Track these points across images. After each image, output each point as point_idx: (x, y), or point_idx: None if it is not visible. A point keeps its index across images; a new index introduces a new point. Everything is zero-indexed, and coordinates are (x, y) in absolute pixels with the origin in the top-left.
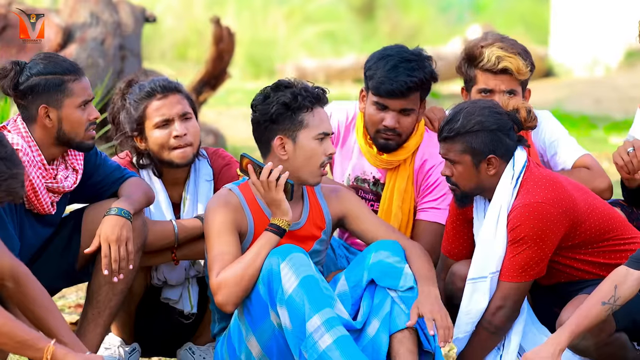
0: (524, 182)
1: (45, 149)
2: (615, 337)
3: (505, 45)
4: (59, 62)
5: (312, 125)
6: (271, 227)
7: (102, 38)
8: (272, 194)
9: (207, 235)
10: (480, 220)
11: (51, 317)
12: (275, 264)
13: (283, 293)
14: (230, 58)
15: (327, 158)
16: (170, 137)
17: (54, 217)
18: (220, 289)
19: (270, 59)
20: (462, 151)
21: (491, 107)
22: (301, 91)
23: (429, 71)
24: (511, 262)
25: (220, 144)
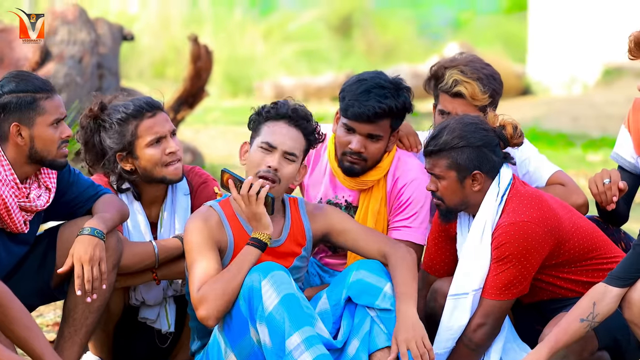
0: (509, 200)
1: (18, 168)
2: (598, 356)
3: (468, 69)
4: (31, 80)
5: (262, 134)
6: (252, 241)
7: (80, 56)
8: (252, 208)
9: (188, 251)
10: (464, 237)
11: (33, 337)
12: (256, 280)
13: (263, 310)
14: (208, 76)
15: (266, 170)
16: (164, 154)
17: (28, 236)
18: (202, 303)
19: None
20: (447, 167)
21: (477, 123)
22: (277, 103)
23: (402, 101)
24: (494, 280)
25: (198, 162)
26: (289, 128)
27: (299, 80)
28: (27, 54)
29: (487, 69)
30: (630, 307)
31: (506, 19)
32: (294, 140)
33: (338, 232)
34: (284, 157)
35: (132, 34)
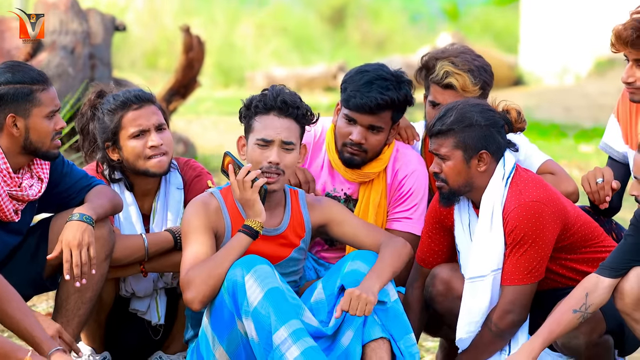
0: (514, 183)
1: (12, 158)
2: (605, 339)
3: (459, 61)
4: (27, 71)
5: (256, 130)
6: (244, 228)
7: (72, 47)
8: (247, 194)
9: (183, 234)
10: (463, 225)
11: (25, 318)
12: (239, 275)
13: (248, 305)
14: (200, 67)
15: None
16: (146, 147)
17: (20, 226)
18: (188, 286)
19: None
20: (454, 146)
21: (483, 104)
22: (265, 95)
23: (404, 93)
24: (514, 265)
25: (191, 152)
26: (280, 119)
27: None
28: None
29: (479, 61)
30: (622, 298)
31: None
32: (288, 130)
33: (336, 224)
34: (282, 149)
35: (124, 25)
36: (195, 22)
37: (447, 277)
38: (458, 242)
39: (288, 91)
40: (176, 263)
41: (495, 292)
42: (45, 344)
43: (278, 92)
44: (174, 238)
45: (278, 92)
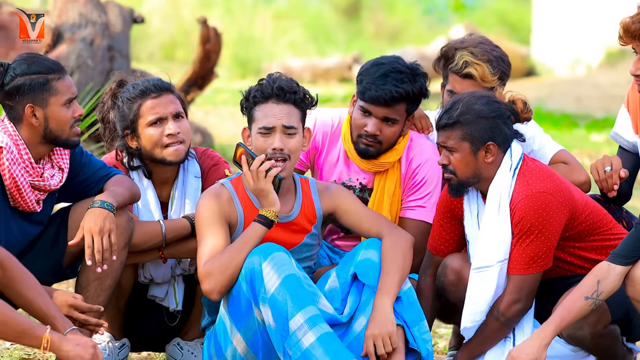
0: (521, 174)
1: (33, 148)
2: (610, 330)
3: (478, 51)
4: (41, 61)
5: (257, 119)
6: (259, 218)
7: (91, 39)
8: (260, 184)
9: (198, 227)
10: (472, 215)
11: (40, 298)
12: (257, 263)
13: (265, 292)
14: (217, 58)
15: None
16: (163, 135)
17: (41, 215)
18: (206, 277)
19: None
20: (461, 138)
21: (489, 96)
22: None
23: (419, 86)
24: (521, 255)
25: (208, 142)
26: (279, 105)
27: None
28: None
29: (497, 51)
30: (633, 285)
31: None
32: (288, 115)
33: (343, 212)
34: (285, 134)
35: (142, 17)
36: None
37: (458, 267)
38: (467, 232)
39: (284, 78)
40: (194, 249)
41: (501, 282)
42: (60, 323)
43: (274, 79)
44: (191, 224)
45: (274, 79)
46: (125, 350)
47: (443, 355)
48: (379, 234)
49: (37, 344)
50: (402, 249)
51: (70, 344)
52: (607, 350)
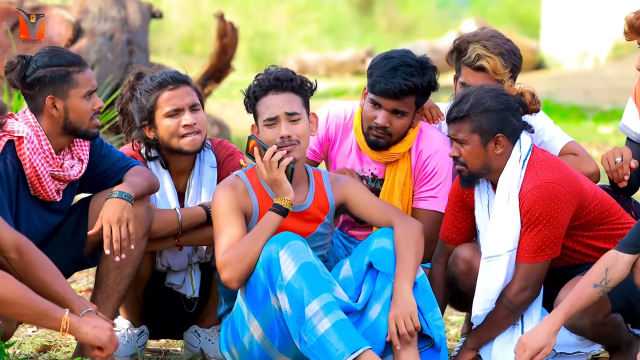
0: (531, 165)
1: (53, 139)
2: (611, 318)
3: (490, 44)
4: (63, 54)
5: (261, 113)
6: (274, 207)
7: (111, 33)
8: (273, 174)
9: (215, 218)
10: (483, 205)
11: (56, 281)
12: (274, 250)
13: (282, 279)
14: (234, 52)
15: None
16: (180, 126)
17: (62, 205)
18: (225, 266)
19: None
20: (471, 131)
21: (497, 89)
22: (258, 80)
23: (428, 79)
24: (529, 243)
25: (225, 134)
26: (278, 95)
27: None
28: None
29: (509, 45)
30: None
31: None
32: (289, 102)
33: (353, 203)
34: (289, 121)
35: (161, 12)
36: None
37: (469, 257)
38: (478, 222)
39: (279, 68)
40: (209, 237)
41: (511, 270)
42: (77, 305)
43: (270, 72)
44: (206, 212)
45: (270, 72)
46: (144, 337)
47: (455, 341)
48: (390, 223)
49: (56, 326)
50: (414, 235)
51: (88, 326)
52: (609, 338)
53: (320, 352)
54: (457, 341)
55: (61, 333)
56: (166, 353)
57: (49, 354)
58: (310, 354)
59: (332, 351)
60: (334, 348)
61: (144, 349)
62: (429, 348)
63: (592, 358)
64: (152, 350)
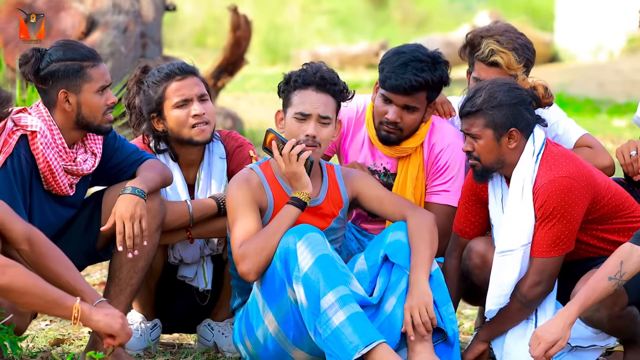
0: (544, 159)
1: (66, 133)
2: (628, 311)
3: (504, 39)
4: (77, 48)
5: (294, 104)
6: (292, 200)
7: (124, 26)
8: (292, 167)
9: (229, 211)
10: (497, 199)
11: (68, 272)
12: (291, 242)
13: (299, 271)
14: (247, 45)
15: (305, 138)
16: (189, 116)
17: (75, 199)
18: (243, 259)
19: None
20: (484, 125)
21: (510, 83)
22: (304, 70)
23: (439, 74)
24: (543, 238)
25: (238, 127)
26: (318, 94)
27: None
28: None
29: (522, 39)
30: None
31: None
32: (325, 105)
33: (365, 197)
34: (320, 123)
35: (174, 4)
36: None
37: (483, 251)
38: (492, 216)
39: (326, 68)
40: (221, 228)
41: (525, 265)
42: (88, 295)
43: (317, 68)
44: (217, 204)
45: (317, 68)
46: (157, 331)
47: (468, 335)
48: (402, 215)
49: (67, 314)
50: (427, 226)
51: (100, 314)
52: (626, 331)
53: (335, 344)
54: (470, 335)
55: (72, 321)
56: (179, 347)
57: (62, 348)
58: (324, 346)
59: (346, 344)
60: (348, 340)
61: (157, 342)
62: (442, 342)
63: (606, 352)
64: (165, 344)
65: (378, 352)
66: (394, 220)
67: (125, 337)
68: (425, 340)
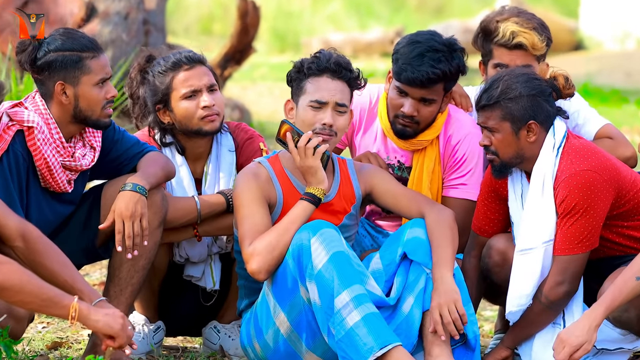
0: (565, 152)
1: (63, 127)
2: None
3: (521, 20)
4: (77, 38)
5: (309, 92)
6: (306, 196)
7: (126, 12)
8: (309, 161)
9: (237, 207)
10: (516, 196)
11: (65, 269)
12: (305, 238)
13: (313, 268)
14: (256, 32)
15: (322, 127)
16: (198, 108)
17: (73, 196)
18: (253, 256)
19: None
20: (501, 118)
21: (528, 73)
22: (317, 57)
23: (456, 64)
24: (565, 234)
25: (246, 119)
26: (333, 81)
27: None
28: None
29: (537, 19)
30: None
31: None
32: (341, 92)
33: (380, 192)
34: (336, 111)
35: None
36: None
37: (503, 248)
38: (512, 213)
39: (339, 54)
40: (229, 225)
41: (547, 264)
42: (87, 294)
43: (330, 54)
44: (226, 200)
45: (330, 54)
46: (161, 334)
47: (488, 338)
48: (420, 212)
49: (64, 314)
50: (448, 222)
51: (99, 314)
52: None
53: (348, 346)
54: (490, 338)
55: (70, 321)
56: (184, 350)
57: (60, 351)
58: (337, 348)
59: (360, 345)
60: (362, 342)
61: (161, 346)
62: (461, 345)
63: (634, 355)
64: (168, 347)
65: (393, 355)
66: (410, 217)
67: (126, 339)
68: (444, 343)
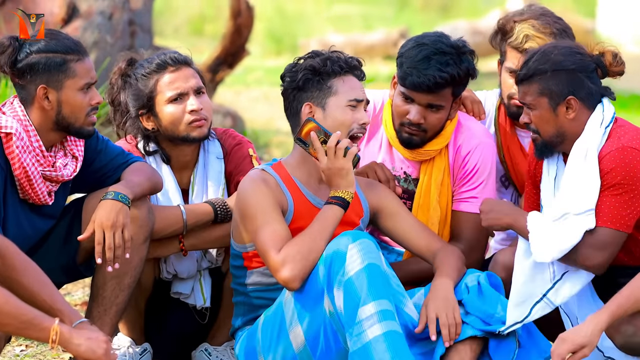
0: (613, 131)
1: (44, 134)
2: None
3: (539, 24)
4: (61, 39)
5: (342, 91)
6: (335, 199)
7: (110, 12)
8: (339, 163)
9: (252, 215)
10: (550, 176)
11: (44, 288)
12: (344, 244)
13: (343, 275)
14: (249, 33)
15: (359, 127)
16: (185, 112)
17: (53, 209)
18: (285, 264)
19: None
20: (539, 93)
21: (572, 46)
22: (332, 57)
23: (465, 67)
24: (609, 207)
25: (239, 126)
26: (355, 79)
27: (349, 37)
28: (52, 9)
29: (560, 23)
30: None
31: None
32: (364, 91)
33: (388, 215)
34: (365, 110)
35: None
36: None
37: (510, 264)
38: (543, 196)
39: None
40: (217, 238)
41: None
42: (67, 315)
43: (344, 55)
44: (214, 210)
45: (344, 55)
46: (147, 357)
47: None
48: (430, 247)
49: (44, 337)
50: (460, 257)
51: (81, 337)
52: None
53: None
54: None
55: (50, 345)
56: None
57: None
58: None
59: None
60: (378, 357)
61: None
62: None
63: None
64: None
65: None
66: (417, 249)
67: None
68: None
